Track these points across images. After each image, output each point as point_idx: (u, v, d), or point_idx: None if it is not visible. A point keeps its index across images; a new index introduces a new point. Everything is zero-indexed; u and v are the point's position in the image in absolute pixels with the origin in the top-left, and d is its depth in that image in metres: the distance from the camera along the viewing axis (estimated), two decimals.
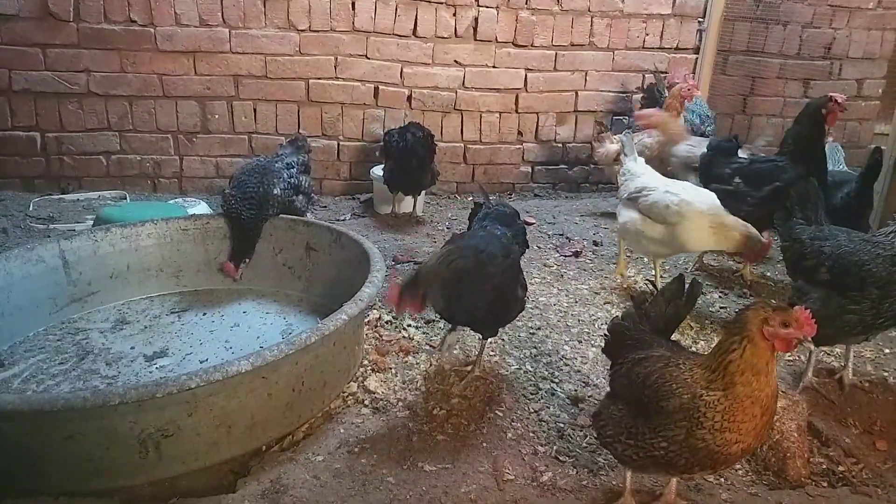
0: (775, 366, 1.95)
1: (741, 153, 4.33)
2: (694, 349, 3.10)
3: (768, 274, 4.29)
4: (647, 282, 2.65)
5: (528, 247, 3.18)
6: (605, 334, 2.48)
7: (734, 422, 1.91)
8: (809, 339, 1.91)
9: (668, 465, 2.05)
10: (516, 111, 5.87)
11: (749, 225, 3.55)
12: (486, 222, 3.04)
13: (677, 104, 5.10)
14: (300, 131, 5.44)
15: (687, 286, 2.36)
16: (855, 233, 2.96)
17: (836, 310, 2.78)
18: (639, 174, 3.89)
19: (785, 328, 1.89)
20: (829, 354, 3.28)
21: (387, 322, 3.42)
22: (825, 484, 2.51)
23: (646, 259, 4.28)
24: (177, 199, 5.09)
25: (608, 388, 2.39)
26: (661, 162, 4.77)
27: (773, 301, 1.96)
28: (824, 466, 2.59)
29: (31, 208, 4.93)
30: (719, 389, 1.93)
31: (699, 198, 3.62)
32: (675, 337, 3.36)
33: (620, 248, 4.13)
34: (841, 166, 4.68)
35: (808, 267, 2.93)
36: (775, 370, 1.95)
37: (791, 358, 3.22)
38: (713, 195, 3.69)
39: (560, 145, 6.10)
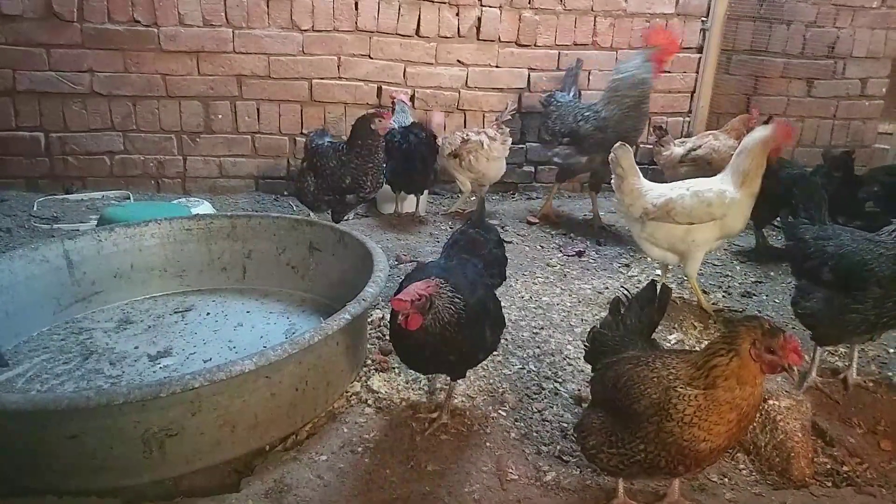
0: (764, 378, 1.94)
1: None
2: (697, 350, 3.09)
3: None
4: (621, 288, 2.67)
5: (504, 278, 2.99)
6: (585, 344, 2.50)
7: (706, 421, 1.91)
8: (795, 368, 1.88)
9: (653, 468, 2.06)
10: (519, 111, 5.86)
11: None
12: (454, 252, 2.81)
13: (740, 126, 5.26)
14: (326, 125, 5.46)
15: (658, 292, 2.40)
16: (858, 232, 2.96)
17: (840, 309, 2.78)
18: (646, 188, 3.71)
19: (770, 354, 1.88)
20: (832, 354, 3.28)
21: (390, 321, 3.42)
22: (829, 484, 2.51)
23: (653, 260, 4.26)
24: (180, 199, 5.10)
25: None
26: None
27: (769, 323, 1.94)
28: (828, 466, 2.59)
29: (35, 208, 4.94)
30: (699, 388, 1.93)
31: (717, 184, 3.57)
32: (679, 337, 3.42)
33: (664, 272, 3.95)
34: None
35: (812, 267, 2.93)
36: (763, 382, 1.94)
37: None
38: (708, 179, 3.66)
39: None
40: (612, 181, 3.80)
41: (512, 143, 5.15)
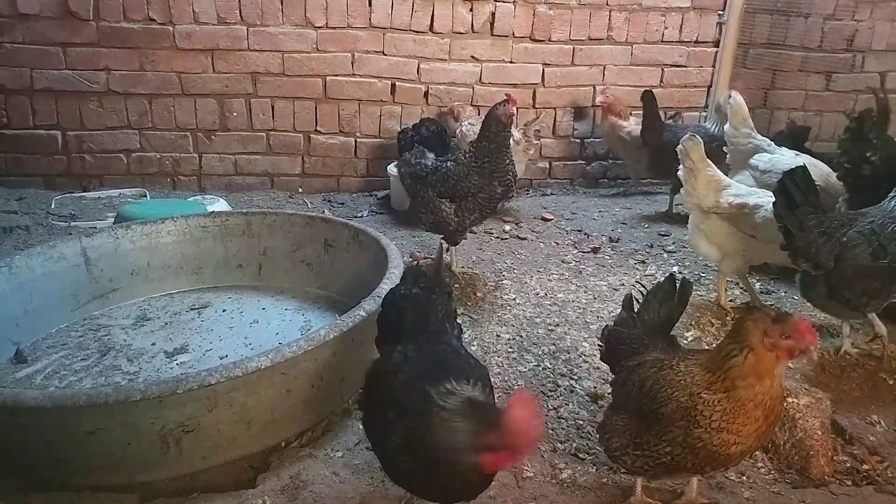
0: (783, 368, 1.92)
1: None
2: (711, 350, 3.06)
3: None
4: (636, 283, 2.62)
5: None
6: (600, 343, 2.47)
7: (734, 423, 1.90)
8: (811, 349, 1.87)
9: (679, 468, 2.05)
10: (534, 106, 5.83)
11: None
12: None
13: None
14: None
15: (678, 286, 2.36)
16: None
17: None
18: (724, 182, 3.57)
19: (785, 339, 1.86)
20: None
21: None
22: (849, 482, 2.48)
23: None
24: (196, 197, 5.12)
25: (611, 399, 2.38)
26: None
27: (773, 310, 1.93)
28: (848, 465, 2.56)
29: (52, 206, 4.98)
30: (720, 391, 1.91)
31: None
32: (696, 334, 3.38)
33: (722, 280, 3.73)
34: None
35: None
36: (782, 373, 1.92)
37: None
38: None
39: (578, 141, 6.07)
40: (681, 172, 3.67)
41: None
